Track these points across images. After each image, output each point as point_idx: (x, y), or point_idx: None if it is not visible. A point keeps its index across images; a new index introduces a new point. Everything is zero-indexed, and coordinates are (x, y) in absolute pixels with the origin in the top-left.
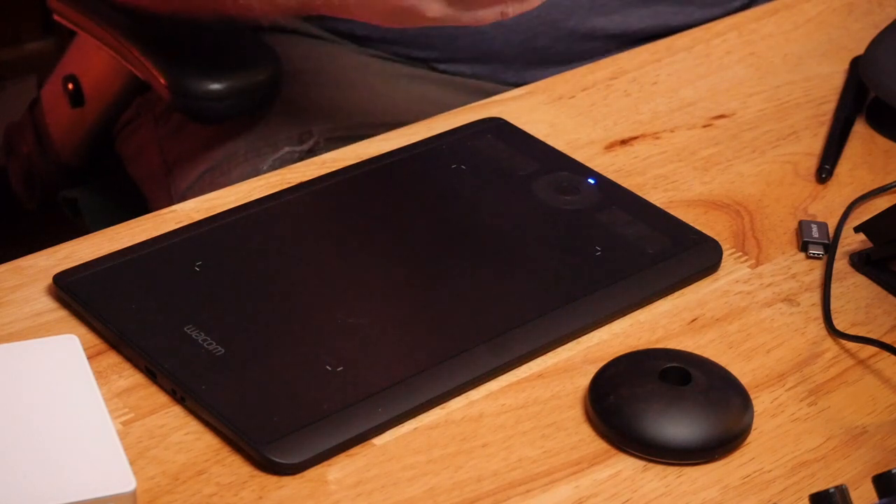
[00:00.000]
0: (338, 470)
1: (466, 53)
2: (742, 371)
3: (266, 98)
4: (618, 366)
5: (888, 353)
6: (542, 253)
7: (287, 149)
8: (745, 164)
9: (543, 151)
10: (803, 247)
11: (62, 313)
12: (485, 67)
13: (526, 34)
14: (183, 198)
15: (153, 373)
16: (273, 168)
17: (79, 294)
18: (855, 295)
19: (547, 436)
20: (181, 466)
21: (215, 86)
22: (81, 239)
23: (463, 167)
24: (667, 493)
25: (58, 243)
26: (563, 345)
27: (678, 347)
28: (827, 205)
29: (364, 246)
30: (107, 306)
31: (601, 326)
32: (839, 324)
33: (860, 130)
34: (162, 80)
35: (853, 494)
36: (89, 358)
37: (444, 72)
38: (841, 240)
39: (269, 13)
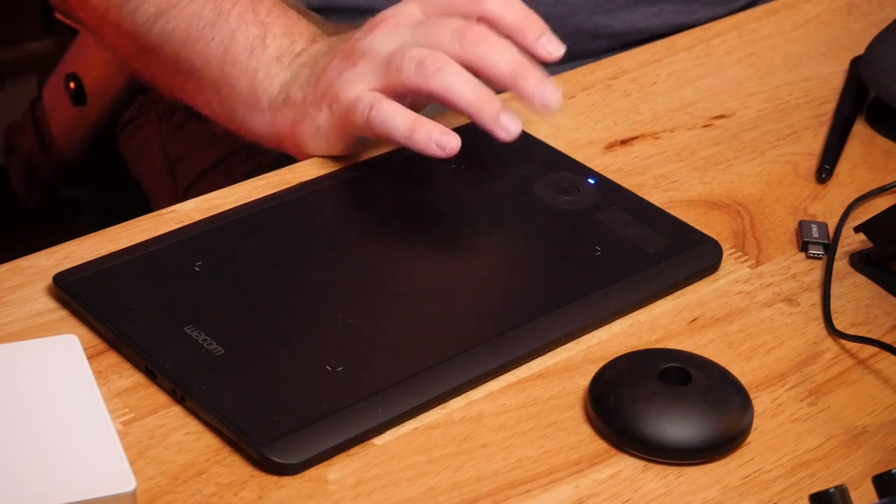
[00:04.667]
0: (338, 470)
1: None
2: (742, 371)
3: None
4: (618, 366)
5: (888, 353)
6: (542, 253)
7: None
8: (745, 164)
9: (543, 151)
10: (803, 247)
11: (62, 313)
12: None
13: None
14: (185, 195)
15: (153, 373)
16: (276, 165)
17: (79, 294)
18: (855, 295)
19: (547, 436)
20: (181, 466)
21: None
22: (81, 239)
23: (463, 167)
24: (667, 493)
25: (58, 243)
26: (563, 345)
27: (678, 347)
28: (827, 205)
29: (364, 246)
30: (107, 306)
31: (601, 326)
32: (839, 324)
33: (860, 130)
34: None
35: (853, 494)
36: (89, 358)
37: None
38: (841, 240)
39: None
